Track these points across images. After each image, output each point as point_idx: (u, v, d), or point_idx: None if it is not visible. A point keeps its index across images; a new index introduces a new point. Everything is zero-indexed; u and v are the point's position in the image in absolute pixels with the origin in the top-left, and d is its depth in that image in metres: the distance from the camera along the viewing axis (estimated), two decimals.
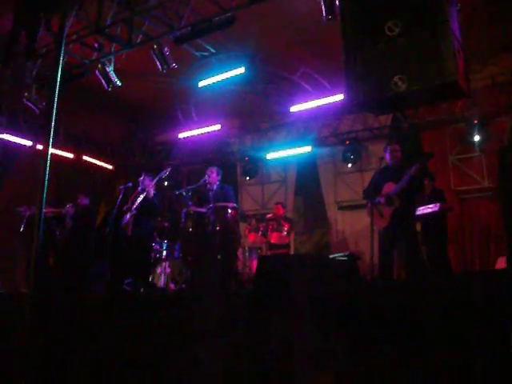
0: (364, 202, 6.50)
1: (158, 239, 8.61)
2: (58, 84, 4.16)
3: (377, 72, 3.86)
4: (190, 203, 6.55)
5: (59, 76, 4.23)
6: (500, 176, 8.18)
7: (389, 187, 5.79)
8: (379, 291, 3.42)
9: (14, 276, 9.60)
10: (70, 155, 11.75)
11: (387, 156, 6.04)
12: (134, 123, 12.33)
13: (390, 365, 3.04)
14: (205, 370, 3.82)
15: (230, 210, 6.08)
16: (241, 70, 8.03)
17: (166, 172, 7.01)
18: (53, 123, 4.10)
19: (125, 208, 6.95)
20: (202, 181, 6.62)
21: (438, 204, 7.30)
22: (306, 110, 9.72)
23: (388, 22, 3.90)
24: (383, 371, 3.05)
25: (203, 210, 6.25)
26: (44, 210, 7.47)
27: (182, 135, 11.12)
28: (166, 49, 7.02)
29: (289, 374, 3.40)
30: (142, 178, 7.06)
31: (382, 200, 5.77)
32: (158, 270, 8.88)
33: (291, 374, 3.38)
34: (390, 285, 4.22)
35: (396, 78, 3.81)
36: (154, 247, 8.33)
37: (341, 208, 10.80)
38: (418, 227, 7.67)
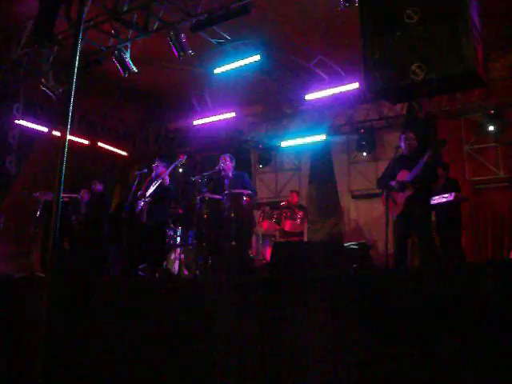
0: (378, 191, 6.50)
1: (172, 226, 8.67)
2: (76, 70, 4.21)
3: (395, 60, 3.84)
4: (206, 190, 6.58)
5: (77, 62, 4.27)
6: None
7: (403, 175, 5.78)
8: (391, 278, 3.43)
9: (30, 260, 9.72)
10: (86, 141, 11.84)
11: (402, 145, 6.02)
12: (149, 110, 12.38)
13: (403, 352, 3.07)
14: (219, 357, 3.87)
15: (245, 197, 6.10)
16: (256, 58, 8.02)
17: (182, 160, 6.98)
18: (71, 109, 4.16)
19: (139, 194, 6.95)
20: (217, 168, 6.64)
21: (452, 193, 7.28)
22: (321, 99, 9.70)
23: (407, 9, 3.88)
24: (397, 359, 3.08)
25: (219, 196, 6.28)
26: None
27: (196, 122, 11.15)
28: (182, 35, 7.02)
29: (303, 362, 3.43)
30: (155, 165, 7.04)
31: (395, 184, 5.75)
32: (172, 257, 8.96)
33: (305, 362, 3.41)
34: (402, 272, 4.23)
35: (414, 66, 3.80)
36: (168, 233, 8.39)
37: (354, 197, 10.80)
38: (433, 216, 7.68)
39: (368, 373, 3.12)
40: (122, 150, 12.86)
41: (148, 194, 6.79)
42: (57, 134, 10.47)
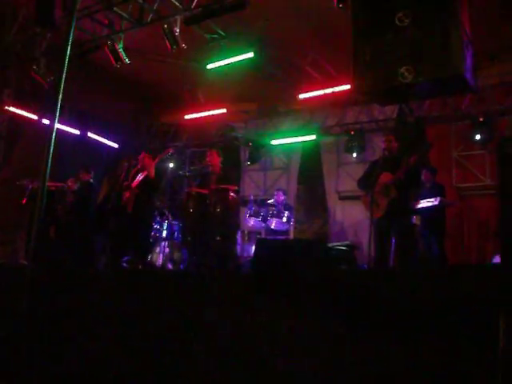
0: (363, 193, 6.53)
1: (158, 219, 8.66)
2: (67, 58, 4.19)
3: (384, 62, 3.89)
4: (192, 184, 6.60)
5: (69, 50, 4.26)
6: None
7: (385, 177, 5.83)
8: (368, 278, 3.47)
9: (15, 248, 9.67)
10: (76, 131, 11.78)
11: (383, 146, 6.11)
12: (141, 103, 12.34)
13: (381, 350, 3.10)
14: (202, 350, 3.88)
15: (231, 193, 6.12)
16: (250, 55, 8.03)
17: (168, 153, 7.03)
18: (60, 97, 4.14)
19: (125, 185, 6.98)
20: (204, 163, 6.66)
21: (438, 198, 7.35)
22: (313, 99, 9.72)
23: (399, 13, 3.92)
24: (376, 356, 3.10)
25: (205, 191, 6.29)
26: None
27: (187, 117, 11.14)
28: (176, 29, 7.02)
29: (285, 356, 3.45)
30: (141, 156, 7.10)
31: (378, 188, 5.80)
32: (157, 250, 8.95)
33: (288, 357, 3.43)
34: (380, 272, 4.27)
35: (403, 69, 3.85)
36: (155, 227, 8.39)
37: (341, 198, 10.84)
38: (418, 220, 7.74)
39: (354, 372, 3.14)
40: (113, 141, 12.79)
41: (134, 185, 6.82)
42: (46, 122, 10.42)
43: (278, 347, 3.48)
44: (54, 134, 3.91)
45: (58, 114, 4.00)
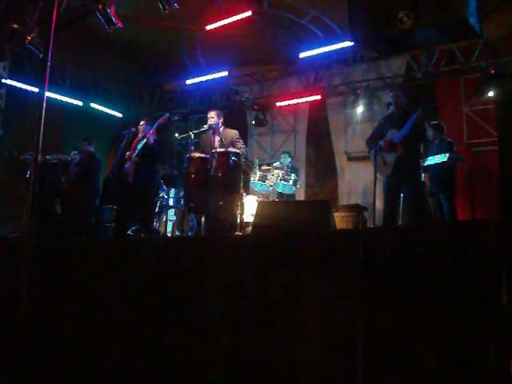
0: None
1: (164, 187, 8.54)
2: (54, 23, 4.02)
3: (382, 6, 3.64)
4: (193, 148, 6.42)
5: (56, 16, 4.09)
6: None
7: (392, 134, 5.64)
8: (373, 236, 3.32)
9: (21, 223, 9.63)
10: (79, 102, 11.64)
11: (391, 102, 5.88)
12: (142, 70, 12.15)
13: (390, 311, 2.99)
14: (209, 312, 3.80)
15: (232, 156, 5.93)
16: (248, 13, 7.77)
17: (165, 118, 6.88)
18: (49, 64, 3.99)
19: (126, 155, 6.87)
20: (205, 126, 6.48)
21: (447, 154, 7.12)
22: (317, 58, 9.46)
23: None
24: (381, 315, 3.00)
25: (206, 155, 6.11)
26: (48, 157, 7.38)
27: (189, 82, 10.94)
28: None
29: (290, 316, 3.37)
30: (141, 125, 6.97)
31: (384, 144, 5.62)
32: (164, 218, 8.86)
33: (292, 316, 3.35)
34: (385, 230, 4.12)
35: (401, 14, 3.60)
36: (161, 195, 8.27)
37: (350, 159, 10.63)
38: (427, 178, 7.54)
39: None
40: (116, 111, 12.63)
41: (134, 154, 6.70)
42: (48, 94, 10.26)
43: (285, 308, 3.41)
44: (44, 102, 3.83)
45: (47, 82, 3.90)
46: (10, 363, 3.37)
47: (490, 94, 8.68)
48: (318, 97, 10.51)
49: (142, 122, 7.04)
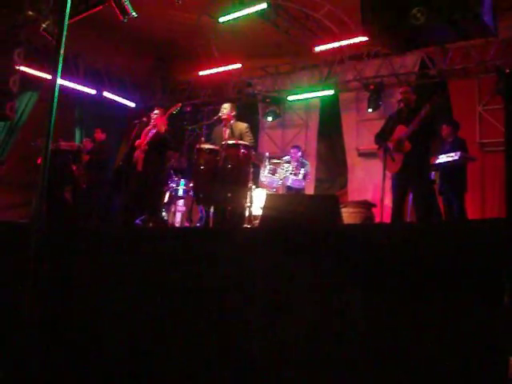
0: None
1: (174, 177, 8.57)
2: (67, 11, 4.05)
3: (395, 1, 3.62)
4: (203, 139, 6.44)
5: (70, 4, 4.12)
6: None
7: (400, 130, 5.61)
8: (379, 233, 3.32)
9: (31, 208, 9.73)
10: (92, 91, 11.68)
11: (400, 98, 5.87)
12: (156, 61, 12.17)
13: (388, 306, 2.99)
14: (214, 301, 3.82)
15: (242, 149, 5.94)
16: (263, 6, 7.75)
17: (177, 108, 6.88)
18: (61, 51, 4.02)
19: (137, 143, 6.89)
20: (216, 117, 6.49)
21: (458, 153, 7.08)
22: (331, 53, 9.42)
23: None
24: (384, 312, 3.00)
25: (216, 147, 6.13)
26: (60, 144, 7.45)
27: (202, 73, 10.93)
28: None
29: (294, 308, 3.38)
30: (153, 113, 6.99)
31: (392, 146, 5.60)
32: (173, 209, 8.89)
33: (298, 309, 3.36)
34: (392, 227, 4.12)
35: (415, 10, 3.58)
36: (170, 185, 8.30)
37: (361, 155, 10.59)
38: (437, 176, 7.50)
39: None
40: (129, 100, 12.68)
41: (144, 142, 6.73)
42: (61, 81, 10.31)
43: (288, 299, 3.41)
44: (56, 91, 3.86)
45: (59, 69, 3.92)
46: (16, 352, 3.41)
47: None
48: (331, 92, 10.46)
49: (155, 111, 7.04)
